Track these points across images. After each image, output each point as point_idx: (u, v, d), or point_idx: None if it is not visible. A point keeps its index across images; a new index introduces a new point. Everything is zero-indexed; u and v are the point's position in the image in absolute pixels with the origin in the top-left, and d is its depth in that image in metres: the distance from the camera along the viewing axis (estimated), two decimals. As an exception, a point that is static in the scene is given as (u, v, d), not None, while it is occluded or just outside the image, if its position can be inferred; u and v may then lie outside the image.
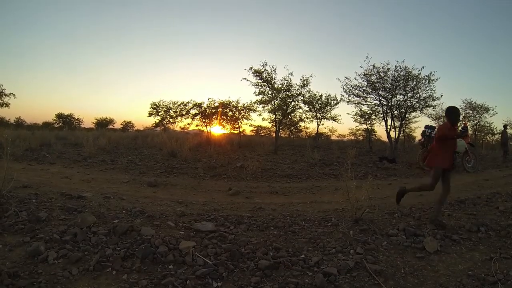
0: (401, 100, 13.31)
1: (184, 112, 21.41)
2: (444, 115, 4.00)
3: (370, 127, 20.88)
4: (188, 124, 21.50)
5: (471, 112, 24.58)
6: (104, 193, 5.32)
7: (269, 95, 15.17)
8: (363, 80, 13.55)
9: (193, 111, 20.02)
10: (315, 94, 19.81)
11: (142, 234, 3.27)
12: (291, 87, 15.10)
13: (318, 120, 21.70)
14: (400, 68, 12.69)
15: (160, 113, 23.39)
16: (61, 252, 2.77)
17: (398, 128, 14.29)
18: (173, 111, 22.67)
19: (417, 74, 12.69)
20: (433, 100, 13.22)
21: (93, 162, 9.37)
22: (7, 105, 20.14)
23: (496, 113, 23.93)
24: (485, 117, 24.21)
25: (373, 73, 13.13)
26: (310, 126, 26.51)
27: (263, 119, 18.31)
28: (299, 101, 16.68)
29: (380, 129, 36.47)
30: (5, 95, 19.96)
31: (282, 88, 14.96)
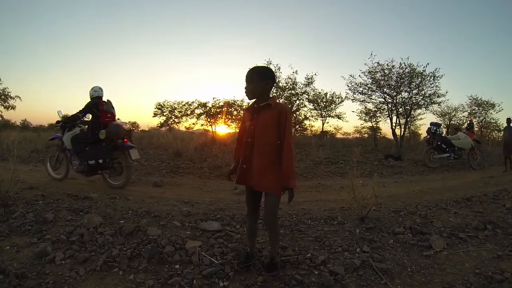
0: (406, 97, 13.28)
1: (189, 112, 21.47)
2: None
3: (375, 125, 20.84)
4: (193, 124, 21.59)
5: (476, 108, 24.47)
6: (110, 193, 5.35)
7: (273, 94, 15.17)
8: (368, 78, 13.54)
9: (198, 111, 20.08)
10: (319, 92, 19.77)
11: (149, 234, 3.28)
12: (296, 86, 15.13)
13: (323, 118, 21.67)
14: (405, 65, 12.67)
15: (165, 113, 23.46)
16: (68, 252, 2.78)
17: (403, 126, 14.25)
18: (178, 111, 22.73)
19: (422, 71, 12.65)
20: (438, 97, 13.20)
21: (99, 163, 9.40)
22: (13, 107, 20.42)
23: (502, 109, 23.83)
24: (491, 113, 24.14)
25: (378, 70, 13.11)
26: (315, 125, 26.42)
27: (268, 118, 18.31)
28: (304, 100, 16.71)
29: (385, 127, 36.31)
30: (11, 97, 20.21)
31: (287, 87, 14.99)
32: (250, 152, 2.43)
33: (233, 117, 18.78)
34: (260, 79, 2.45)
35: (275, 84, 14.83)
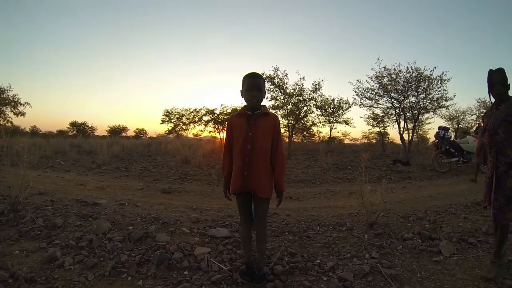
0: (414, 101, 13.14)
1: (196, 119, 21.62)
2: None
3: (383, 130, 20.69)
4: (201, 130, 21.74)
5: (485, 111, 24.15)
6: (118, 200, 5.38)
7: (281, 100, 15.17)
8: (375, 83, 13.44)
9: (205, 118, 20.19)
10: (327, 98, 19.73)
11: (157, 240, 3.30)
12: (303, 92, 15.08)
13: (330, 124, 21.62)
14: (412, 69, 12.55)
15: (173, 120, 23.65)
16: (77, 258, 2.80)
17: (411, 130, 14.12)
18: (186, 118, 22.89)
19: (429, 75, 12.53)
20: (446, 100, 13.02)
21: (107, 170, 9.50)
22: (23, 114, 20.62)
23: (511, 112, 23.46)
24: (500, 117, 23.73)
25: (385, 75, 13.01)
26: (323, 131, 26.43)
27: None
28: (312, 106, 16.65)
29: (393, 132, 36.05)
30: (21, 104, 20.44)
31: (294, 93, 14.95)
32: (249, 158, 2.44)
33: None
34: (264, 87, 2.54)
35: (282, 91, 14.81)
